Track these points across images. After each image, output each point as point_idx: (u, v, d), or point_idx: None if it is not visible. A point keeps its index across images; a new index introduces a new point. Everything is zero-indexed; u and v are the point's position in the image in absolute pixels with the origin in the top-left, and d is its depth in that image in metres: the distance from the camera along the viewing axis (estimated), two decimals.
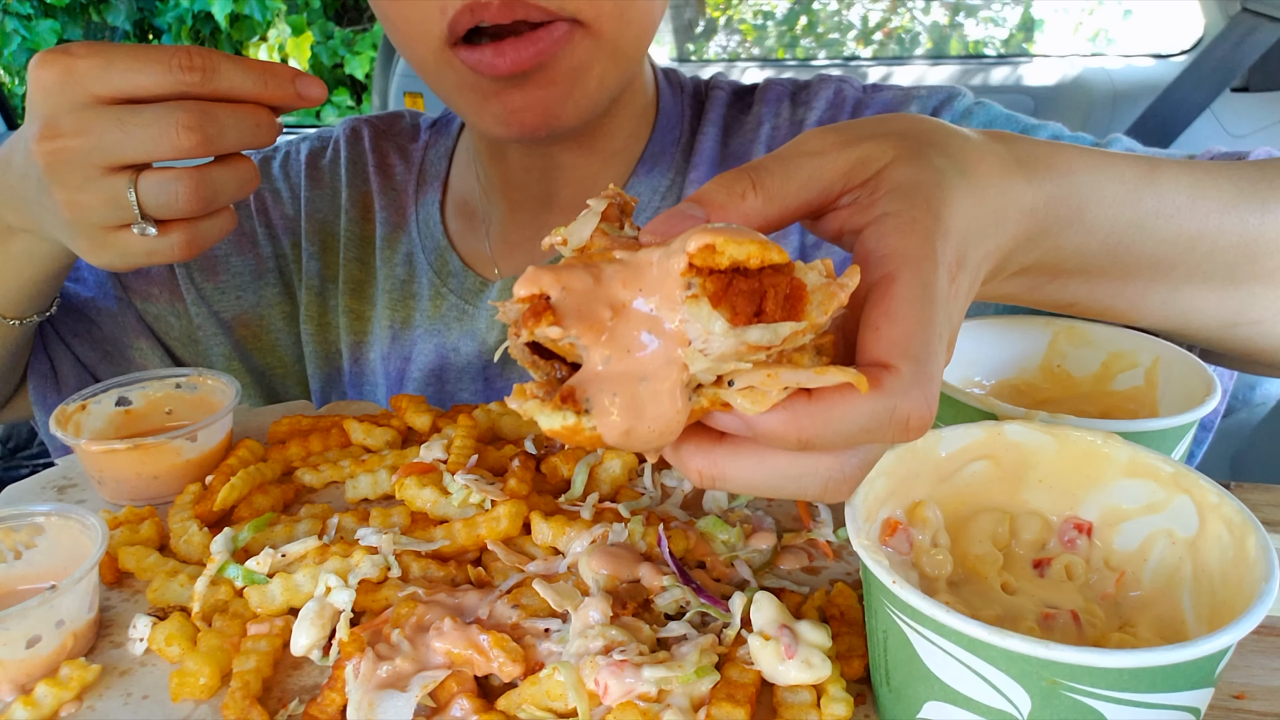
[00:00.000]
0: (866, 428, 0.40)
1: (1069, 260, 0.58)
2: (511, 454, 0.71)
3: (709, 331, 0.38)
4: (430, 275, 1.00)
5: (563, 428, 0.39)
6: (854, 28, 4.56)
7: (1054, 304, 0.63)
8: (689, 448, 0.43)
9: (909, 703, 0.46)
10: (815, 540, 0.66)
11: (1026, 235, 0.53)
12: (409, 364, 1.01)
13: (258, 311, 1.03)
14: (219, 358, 1.02)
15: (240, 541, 0.63)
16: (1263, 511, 0.69)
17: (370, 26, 5.86)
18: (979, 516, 0.55)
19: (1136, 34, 3.96)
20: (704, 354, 0.38)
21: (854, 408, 0.39)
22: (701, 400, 0.40)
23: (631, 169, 0.95)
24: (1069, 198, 0.55)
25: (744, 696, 0.50)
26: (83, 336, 0.99)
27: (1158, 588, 0.51)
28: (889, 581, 0.43)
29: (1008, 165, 0.51)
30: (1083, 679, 0.40)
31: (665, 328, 0.39)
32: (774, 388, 0.39)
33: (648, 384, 0.39)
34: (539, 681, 0.50)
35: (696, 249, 0.37)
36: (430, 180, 1.03)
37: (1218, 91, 2.22)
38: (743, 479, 0.43)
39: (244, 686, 0.51)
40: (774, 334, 0.38)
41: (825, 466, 0.42)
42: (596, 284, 0.40)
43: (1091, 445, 0.54)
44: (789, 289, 0.39)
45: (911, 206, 0.44)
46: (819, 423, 0.40)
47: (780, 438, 0.40)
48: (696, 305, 0.38)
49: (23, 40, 4.83)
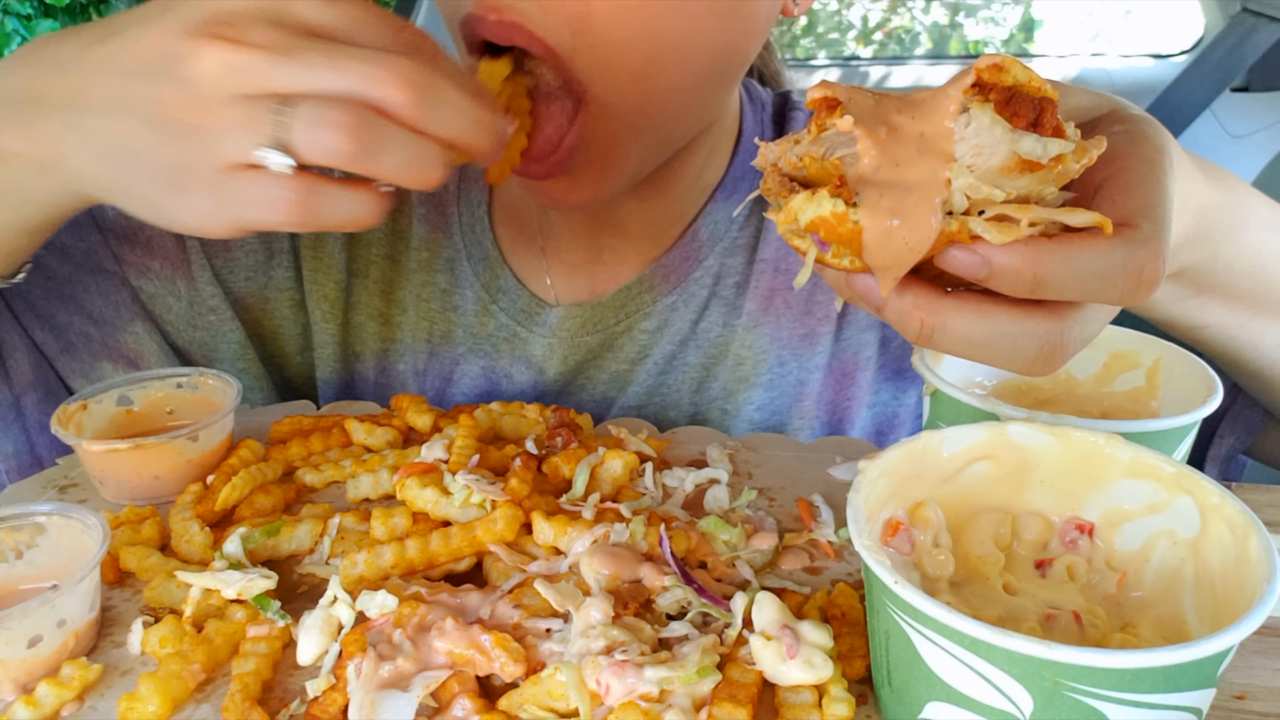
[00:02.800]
0: (1101, 273, 0.42)
1: (1219, 275, 0.61)
2: (513, 454, 0.71)
3: (988, 137, 0.42)
4: (478, 289, 0.91)
5: (831, 214, 0.43)
6: (854, 28, 4.56)
7: (1187, 322, 0.66)
8: (911, 297, 0.44)
9: (910, 703, 0.46)
10: (816, 540, 0.66)
11: (1195, 233, 0.56)
12: (450, 385, 0.93)
13: (264, 295, 0.93)
14: (225, 344, 0.92)
15: (251, 542, 0.63)
16: (1264, 512, 0.69)
17: None
18: (981, 517, 0.55)
19: (1136, 34, 3.96)
20: (970, 170, 0.42)
21: (1093, 250, 0.41)
22: (952, 224, 0.42)
23: (710, 194, 0.90)
24: (1234, 210, 0.58)
25: (746, 696, 0.50)
26: (47, 320, 0.84)
27: (1159, 588, 0.51)
28: (891, 582, 0.43)
29: (1192, 161, 0.54)
30: (1085, 679, 0.40)
31: (934, 148, 0.42)
32: (1023, 217, 0.42)
33: (911, 194, 0.42)
34: (540, 681, 0.50)
35: (986, 65, 0.41)
36: (474, 178, 0.93)
37: (1218, 91, 2.22)
38: (963, 331, 0.44)
39: (243, 689, 0.51)
40: (1044, 148, 0.41)
41: (1045, 329, 0.44)
42: (876, 105, 0.44)
43: (1093, 446, 0.54)
44: (1056, 123, 0.43)
45: (1140, 129, 0.48)
46: (1057, 259, 0.41)
47: (1017, 273, 0.42)
48: (981, 109, 0.42)
49: (23, 40, 4.83)
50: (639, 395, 0.90)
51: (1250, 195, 0.61)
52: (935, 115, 0.42)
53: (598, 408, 0.91)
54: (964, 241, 0.43)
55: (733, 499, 0.70)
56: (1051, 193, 0.44)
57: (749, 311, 0.90)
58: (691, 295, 0.90)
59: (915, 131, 0.43)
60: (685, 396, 0.91)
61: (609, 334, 0.90)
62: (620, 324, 0.90)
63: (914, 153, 0.42)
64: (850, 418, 0.93)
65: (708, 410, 0.91)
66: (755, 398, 0.90)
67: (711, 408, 0.91)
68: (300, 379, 0.99)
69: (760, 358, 0.90)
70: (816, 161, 0.46)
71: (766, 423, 0.91)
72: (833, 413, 0.93)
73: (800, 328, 0.91)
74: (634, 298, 0.90)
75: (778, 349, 0.90)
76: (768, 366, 0.90)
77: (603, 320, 0.90)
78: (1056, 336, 0.44)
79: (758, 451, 0.78)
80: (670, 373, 0.91)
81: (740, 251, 0.90)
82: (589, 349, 0.90)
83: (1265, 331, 0.67)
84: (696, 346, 0.90)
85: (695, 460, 0.76)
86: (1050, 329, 0.44)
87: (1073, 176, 0.44)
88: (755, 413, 0.91)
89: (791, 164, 0.48)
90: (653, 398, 0.91)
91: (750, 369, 0.90)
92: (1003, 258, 0.42)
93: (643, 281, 0.90)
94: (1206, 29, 2.44)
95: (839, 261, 0.46)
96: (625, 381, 0.91)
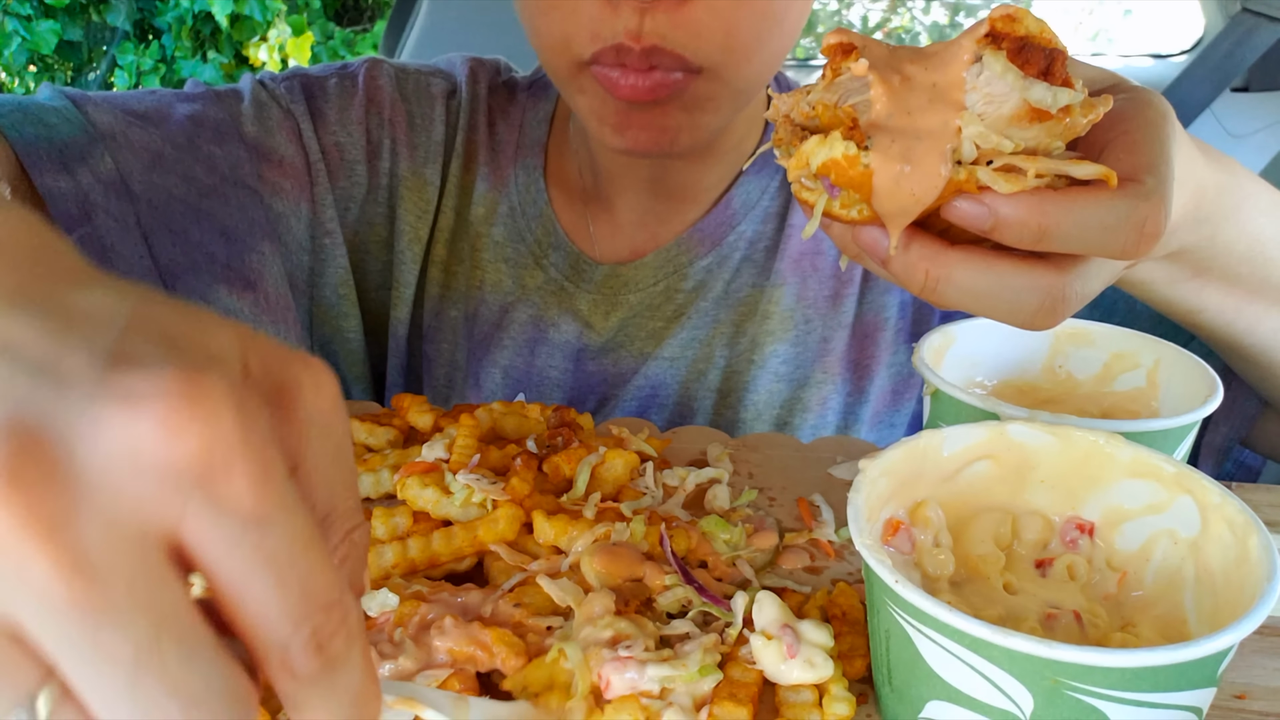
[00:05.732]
0: (1105, 224, 0.43)
1: (1217, 257, 0.62)
2: (514, 454, 0.71)
3: (999, 85, 0.43)
4: (531, 243, 0.96)
5: (843, 156, 0.44)
6: (854, 28, 4.56)
7: (1185, 305, 0.67)
8: (917, 249, 0.45)
9: (911, 702, 0.46)
10: (817, 540, 0.66)
11: (1194, 213, 0.57)
12: (499, 330, 0.97)
13: (357, 228, 0.96)
14: (332, 269, 0.93)
15: None
16: (1265, 512, 0.69)
17: (371, 27, 5.86)
18: (981, 516, 0.55)
19: (1136, 34, 3.96)
20: (981, 118, 0.43)
21: (1097, 201, 0.43)
22: (960, 173, 0.43)
23: (742, 167, 0.96)
24: (1233, 191, 0.59)
25: (746, 695, 0.50)
26: (180, 235, 0.82)
27: (1160, 588, 0.51)
28: (891, 581, 0.43)
29: (1192, 142, 0.55)
30: (1085, 678, 0.40)
31: (946, 97, 0.43)
32: (1030, 168, 0.43)
33: (921, 142, 0.43)
34: (543, 665, 0.50)
35: (1000, 14, 0.43)
36: (531, 145, 0.98)
37: (1218, 91, 2.22)
38: (967, 283, 0.45)
39: None
40: (1054, 96, 0.42)
41: (1048, 281, 0.45)
42: (890, 54, 0.45)
43: (1094, 445, 0.54)
44: (1065, 75, 0.44)
45: (1144, 96, 0.49)
46: (1062, 210, 0.42)
47: (1022, 223, 0.43)
48: (994, 55, 0.42)
49: (23, 40, 4.83)
50: (674, 349, 0.96)
51: (1249, 180, 0.62)
52: (948, 65, 0.43)
53: (636, 361, 0.97)
54: (971, 191, 0.43)
55: (733, 498, 0.70)
56: (1058, 147, 0.45)
57: (778, 271, 0.96)
58: (725, 258, 0.96)
59: (928, 81, 0.44)
60: (716, 350, 0.96)
61: (648, 293, 0.96)
62: (659, 284, 0.96)
63: (926, 101, 0.43)
64: (870, 375, 0.97)
65: (737, 362, 0.97)
66: (781, 351, 0.96)
67: (740, 360, 0.97)
68: (374, 316, 1.01)
69: (787, 315, 0.96)
70: (829, 109, 0.47)
71: (791, 375, 0.96)
72: (854, 370, 0.97)
73: (826, 289, 0.96)
74: (672, 259, 0.96)
75: (804, 308, 0.96)
76: (794, 324, 0.96)
77: (643, 280, 0.96)
78: (1059, 290, 0.45)
79: (758, 451, 0.78)
80: (703, 329, 0.96)
81: (771, 219, 0.96)
82: (630, 306, 0.96)
83: (1262, 317, 0.68)
84: (729, 305, 0.96)
85: (696, 460, 0.77)
86: (1053, 282, 0.45)
87: (1079, 133, 0.45)
88: (781, 365, 0.96)
89: (804, 114, 0.49)
90: (685, 351, 0.96)
91: (777, 324, 0.96)
92: (1008, 208, 0.43)
93: (680, 244, 0.96)
94: (1206, 29, 2.44)
95: (847, 213, 0.46)
96: (662, 337, 0.96)
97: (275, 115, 0.92)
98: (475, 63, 1.01)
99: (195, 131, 0.87)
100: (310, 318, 0.97)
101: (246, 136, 0.90)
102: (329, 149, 0.94)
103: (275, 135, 0.91)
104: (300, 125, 0.92)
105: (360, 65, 0.97)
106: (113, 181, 0.80)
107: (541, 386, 0.97)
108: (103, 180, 0.80)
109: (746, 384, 0.96)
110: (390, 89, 0.96)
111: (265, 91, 0.93)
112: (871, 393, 0.98)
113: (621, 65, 0.74)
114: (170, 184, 0.83)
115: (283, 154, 0.91)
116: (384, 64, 0.98)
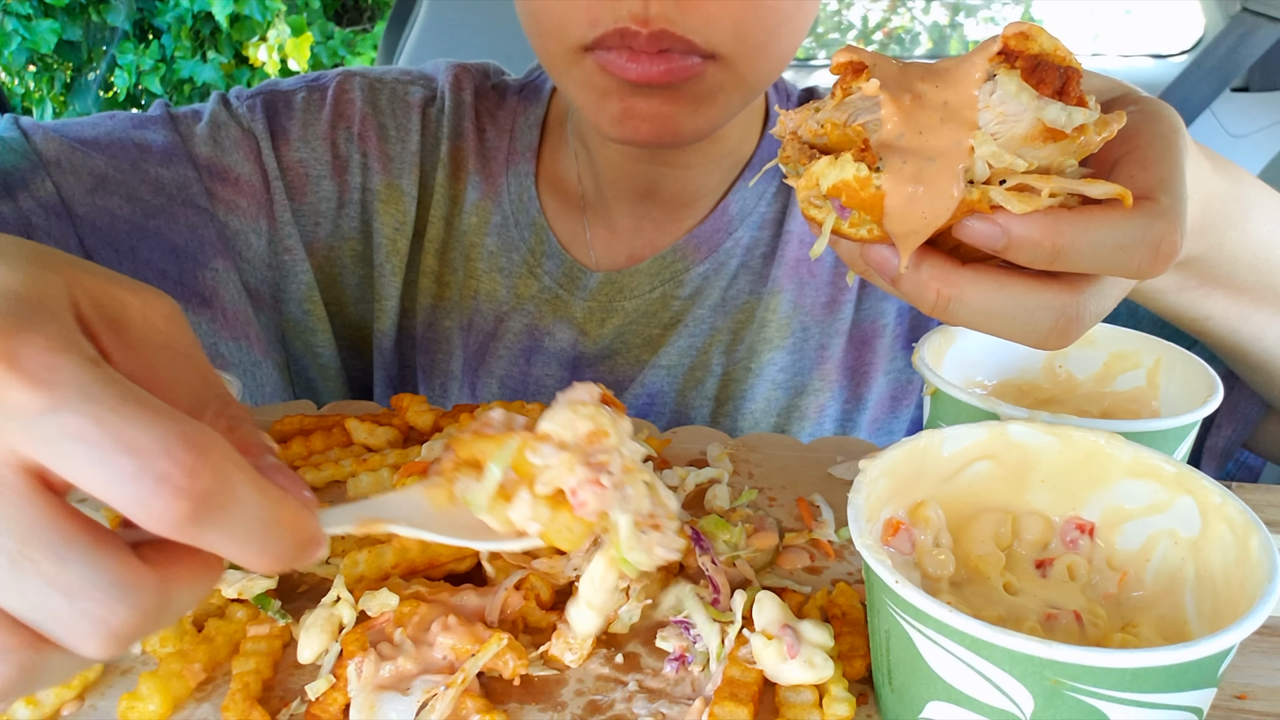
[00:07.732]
0: (1120, 244, 0.42)
1: (1223, 265, 0.62)
2: None
3: (1013, 105, 0.42)
4: (525, 253, 0.96)
5: (854, 178, 0.43)
6: (854, 28, 4.56)
7: (1191, 312, 0.67)
8: (928, 268, 0.45)
9: (911, 702, 0.46)
10: (817, 540, 0.66)
11: (1201, 221, 0.57)
12: (494, 340, 0.97)
13: (330, 242, 0.96)
14: (295, 285, 0.94)
15: None
16: (1265, 512, 0.69)
17: (371, 27, 5.86)
18: (981, 517, 0.55)
19: (1136, 34, 3.96)
20: (994, 137, 0.42)
21: (1112, 221, 0.42)
22: (973, 193, 0.42)
23: (739, 171, 0.95)
24: (1240, 200, 0.59)
25: (747, 695, 0.50)
26: (127, 254, 0.85)
27: (1160, 588, 0.51)
28: (891, 581, 0.43)
29: (1199, 149, 0.55)
30: (1086, 679, 0.40)
31: (958, 115, 0.43)
32: (1044, 187, 0.42)
33: (933, 162, 0.42)
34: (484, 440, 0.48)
35: (1014, 32, 0.42)
36: (522, 150, 0.97)
37: (1218, 91, 2.22)
38: (979, 303, 0.44)
39: (244, 688, 0.51)
40: (1068, 116, 0.42)
41: (1062, 301, 0.44)
42: (901, 72, 0.44)
43: (1094, 445, 0.54)
44: (1080, 93, 0.43)
45: (1155, 109, 0.49)
46: (1076, 230, 0.42)
47: (1035, 243, 0.42)
48: (1008, 75, 0.42)
49: (23, 40, 4.83)
50: (671, 357, 0.96)
51: (1255, 187, 0.62)
52: (960, 83, 0.43)
53: (633, 369, 0.96)
54: (984, 211, 0.43)
55: (733, 498, 0.70)
56: (1071, 165, 0.45)
57: (775, 278, 0.95)
58: (722, 265, 0.95)
59: (939, 99, 0.43)
60: (714, 358, 0.96)
61: (645, 300, 0.95)
62: (655, 290, 0.95)
63: (938, 120, 0.43)
64: (868, 382, 0.97)
65: (734, 370, 0.96)
66: (778, 359, 0.95)
67: (737, 368, 0.96)
68: (355, 328, 1.02)
69: (784, 322, 0.95)
70: (838, 127, 0.46)
71: (789, 383, 0.96)
72: (852, 377, 0.97)
73: (823, 296, 0.96)
74: (668, 265, 0.95)
75: (801, 315, 0.95)
76: (791, 331, 0.95)
77: (639, 286, 0.95)
78: (1073, 309, 0.44)
79: (758, 451, 0.78)
80: (700, 336, 0.96)
81: (768, 225, 0.96)
82: (626, 313, 0.96)
83: (1268, 326, 0.68)
84: (725, 312, 0.96)
85: (695, 460, 0.77)
86: (1067, 301, 0.44)
87: (1092, 150, 0.44)
88: (778, 373, 0.96)
89: (812, 131, 0.48)
90: (683, 359, 0.96)
91: (774, 331, 0.95)
92: (1022, 228, 0.42)
93: (677, 251, 0.95)
94: (1206, 29, 2.44)
95: (857, 231, 0.46)
96: (659, 344, 0.96)
97: (233, 134, 0.92)
98: (460, 68, 1.01)
99: (141, 155, 0.87)
100: (281, 332, 0.97)
101: (198, 157, 0.90)
102: (290, 166, 0.94)
103: (231, 154, 0.91)
104: (260, 144, 0.92)
105: (332, 78, 0.97)
106: (53, 205, 0.82)
107: (538, 395, 0.97)
108: (43, 204, 0.82)
109: (744, 391, 0.95)
110: (361, 102, 0.96)
111: (226, 111, 0.93)
112: (869, 399, 0.97)
113: (628, 49, 0.73)
114: (114, 205, 0.84)
115: (239, 173, 0.91)
116: (357, 76, 0.98)
